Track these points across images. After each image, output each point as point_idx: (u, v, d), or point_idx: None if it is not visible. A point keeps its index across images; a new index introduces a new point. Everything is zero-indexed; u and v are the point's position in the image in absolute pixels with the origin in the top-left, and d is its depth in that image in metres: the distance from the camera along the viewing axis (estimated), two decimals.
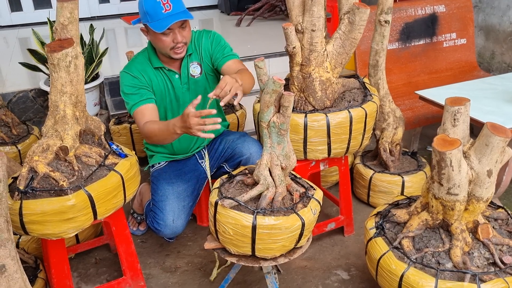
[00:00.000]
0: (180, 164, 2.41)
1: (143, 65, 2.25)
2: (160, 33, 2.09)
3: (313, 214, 1.77)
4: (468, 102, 1.61)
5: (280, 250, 1.75)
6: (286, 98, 1.68)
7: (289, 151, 1.80)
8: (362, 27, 2.18)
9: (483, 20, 4.17)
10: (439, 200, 1.67)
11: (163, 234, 2.24)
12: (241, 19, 5.08)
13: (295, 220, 1.70)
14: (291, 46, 2.19)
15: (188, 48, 2.27)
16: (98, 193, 1.76)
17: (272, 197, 1.76)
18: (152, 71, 2.25)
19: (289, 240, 1.73)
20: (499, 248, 1.72)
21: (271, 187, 1.77)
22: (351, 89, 2.37)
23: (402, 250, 1.75)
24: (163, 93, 2.28)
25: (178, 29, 2.12)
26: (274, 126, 1.73)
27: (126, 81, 2.21)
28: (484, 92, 2.64)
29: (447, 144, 1.55)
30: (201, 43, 2.32)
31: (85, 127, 1.92)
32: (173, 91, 2.29)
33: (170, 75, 2.27)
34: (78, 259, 2.43)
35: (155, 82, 2.26)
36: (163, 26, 2.05)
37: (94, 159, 1.86)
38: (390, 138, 2.73)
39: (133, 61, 2.28)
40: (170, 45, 2.14)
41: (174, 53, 2.17)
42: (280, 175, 1.79)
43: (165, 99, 2.30)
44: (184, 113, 1.86)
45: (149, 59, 2.26)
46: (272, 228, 1.67)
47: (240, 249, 1.75)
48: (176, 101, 2.32)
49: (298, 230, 1.72)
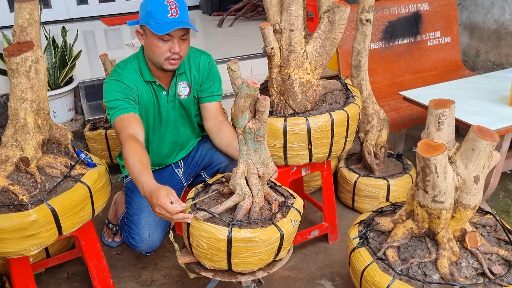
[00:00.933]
0: (155, 174, 2.26)
1: (135, 76, 2.07)
2: (158, 38, 1.93)
3: (293, 225, 1.67)
4: (453, 104, 1.53)
5: (258, 263, 1.65)
6: (261, 103, 1.58)
7: (267, 159, 1.70)
8: (342, 26, 2.09)
9: (467, 18, 4.11)
10: (424, 208, 1.58)
11: (139, 250, 2.12)
12: (222, 19, 4.98)
13: (273, 232, 1.60)
14: (269, 47, 2.09)
15: (180, 66, 2.10)
16: (62, 207, 1.65)
17: (249, 207, 1.66)
18: (143, 84, 2.08)
19: (268, 253, 1.63)
20: (488, 257, 1.64)
21: (248, 197, 1.67)
22: (333, 90, 2.28)
23: (386, 261, 1.66)
24: (148, 109, 2.12)
25: (178, 40, 1.96)
26: (250, 132, 1.63)
27: (116, 88, 2.01)
28: (470, 92, 2.57)
29: (431, 149, 1.46)
30: (198, 65, 2.16)
31: (50, 135, 1.81)
32: (158, 108, 2.14)
33: (158, 91, 2.12)
34: (49, 274, 2.30)
35: (144, 97, 2.09)
36: (165, 29, 1.89)
37: (59, 170, 1.75)
38: (375, 141, 2.64)
39: (123, 69, 2.08)
40: (165, 54, 1.96)
41: (168, 63, 1.99)
42: (258, 184, 1.68)
43: (149, 116, 2.14)
44: (160, 195, 1.61)
45: (140, 70, 2.08)
46: (249, 241, 1.57)
47: (215, 263, 1.64)
48: (159, 118, 2.17)
49: (277, 242, 1.62)
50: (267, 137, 2.07)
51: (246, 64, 3.98)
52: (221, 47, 4.39)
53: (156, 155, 2.26)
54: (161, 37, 1.93)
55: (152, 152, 2.24)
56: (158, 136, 2.22)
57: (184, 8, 1.98)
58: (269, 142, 2.07)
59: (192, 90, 2.18)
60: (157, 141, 2.23)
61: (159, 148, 2.25)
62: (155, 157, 2.26)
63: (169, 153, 2.28)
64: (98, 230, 2.60)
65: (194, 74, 2.17)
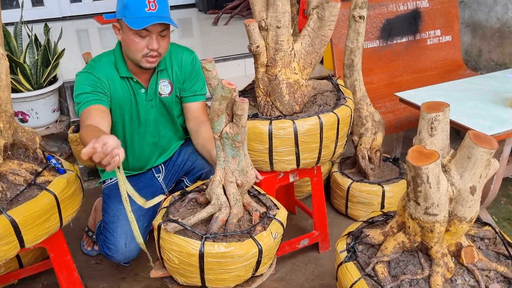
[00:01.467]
0: (134, 180, 2.17)
1: (109, 70, 1.94)
2: (135, 33, 1.80)
3: (274, 238, 1.54)
4: (447, 108, 1.39)
5: (235, 280, 1.52)
6: (239, 106, 1.44)
7: (246, 166, 1.57)
8: (332, 23, 1.96)
9: (469, 17, 3.97)
10: (416, 220, 1.45)
11: (115, 260, 1.99)
12: (218, 17, 4.85)
13: (251, 246, 1.47)
14: (254, 45, 1.96)
15: (160, 63, 1.99)
16: (24, 217, 1.52)
17: (225, 219, 1.53)
18: (118, 80, 1.95)
19: (245, 269, 1.50)
20: (486, 274, 1.50)
21: (225, 207, 1.54)
22: (323, 91, 2.14)
23: (375, 277, 1.52)
24: (124, 107, 1.99)
25: (157, 36, 1.84)
26: (227, 137, 1.50)
27: (86, 80, 1.89)
28: (470, 93, 2.43)
29: (423, 157, 1.32)
30: (180, 62, 2.05)
31: (15, 140, 1.68)
32: (135, 106, 2.01)
33: (136, 88, 1.99)
34: (22, 285, 2.18)
35: (119, 93, 1.96)
36: (141, 23, 1.76)
37: (23, 177, 1.62)
38: (369, 144, 2.51)
39: (97, 62, 1.96)
40: (142, 50, 1.84)
41: (146, 61, 1.87)
42: (236, 194, 1.55)
43: (125, 114, 2.01)
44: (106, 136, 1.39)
45: (116, 65, 1.96)
46: (223, 257, 1.44)
47: (188, 279, 1.51)
48: (138, 118, 2.04)
49: (255, 257, 1.49)
50: (251, 141, 1.94)
51: (240, 63, 3.85)
52: (215, 45, 4.26)
53: (136, 158, 2.14)
54: (138, 32, 1.81)
55: (131, 154, 2.12)
56: (137, 136, 2.09)
57: (163, 2, 1.85)
58: (254, 146, 1.94)
59: (174, 89, 2.06)
60: (137, 142, 2.10)
61: (139, 150, 2.12)
62: (134, 160, 2.14)
63: (149, 155, 2.15)
64: (79, 238, 2.49)
65: (176, 71, 2.05)
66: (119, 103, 1.97)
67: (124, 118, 2.02)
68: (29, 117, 2.97)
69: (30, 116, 2.97)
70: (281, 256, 2.29)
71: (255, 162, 1.99)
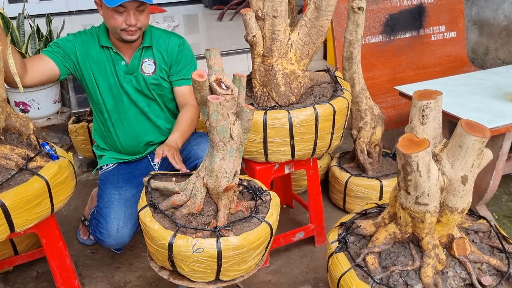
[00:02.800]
0: (130, 167, 2.17)
1: (89, 38, 2.03)
2: (112, 10, 1.86)
3: (194, 251, 1.46)
4: (440, 96, 1.37)
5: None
6: (208, 104, 1.41)
7: (219, 171, 1.49)
8: (330, 13, 1.94)
9: (476, 14, 3.93)
10: (407, 210, 1.43)
11: (107, 245, 2.00)
12: (223, 13, 4.85)
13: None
14: (250, 34, 1.95)
15: (145, 39, 2.04)
16: (13, 201, 1.52)
17: (176, 202, 1.56)
18: (95, 49, 2.02)
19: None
20: (478, 266, 1.47)
21: (184, 194, 1.56)
22: (321, 83, 2.12)
23: (366, 268, 1.51)
24: (101, 73, 2.04)
25: (134, 11, 1.89)
26: (208, 131, 1.50)
27: (62, 39, 2.03)
28: (471, 88, 2.40)
29: (413, 145, 1.30)
30: (167, 46, 2.08)
31: (8, 124, 1.68)
32: (115, 75, 2.05)
33: (116, 59, 2.03)
34: (17, 272, 2.19)
35: (93, 59, 2.02)
36: (116, 0, 1.81)
37: (14, 161, 1.62)
38: (368, 138, 2.48)
39: (83, 31, 2.07)
40: (121, 25, 1.90)
41: (126, 33, 1.93)
42: (198, 189, 1.55)
43: (102, 80, 2.05)
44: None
45: (98, 35, 2.03)
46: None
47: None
48: (118, 87, 2.07)
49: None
50: None
51: (242, 58, 3.84)
52: (219, 41, 4.26)
53: (126, 133, 2.13)
54: (115, 8, 1.86)
55: (120, 127, 2.12)
56: (122, 107, 2.10)
57: None
58: (249, 136, 1.93)
59: (158, 69, 2.08)
60: (122, 113, 2.11)
61: (126, 122, 2.12)
62: (125, 135, 2.13)
63: (138, 129, 2.14)
64: (76, 227, 2.50)
65: (162, 53, 2.09)
66: (94, 68, 2.03)
67: (101, 84, 2.05)
68: (30, 107, 2.99)
69: (31, 106, 2.99)
70: (276, 249, 2.28)
71: (250, 152, 1.98)
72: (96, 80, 2.04)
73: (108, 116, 2.09)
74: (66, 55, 1.98)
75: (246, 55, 3.85)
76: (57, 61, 1.95)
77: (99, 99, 2.07)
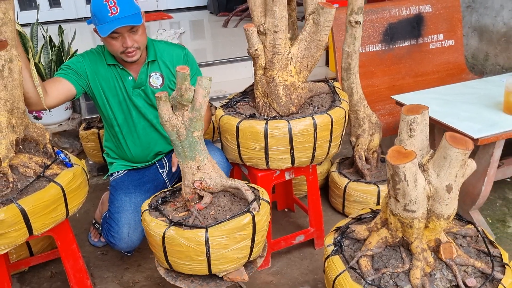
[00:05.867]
0: (140, 174, 2.29)
1: (96, 57, 2.15)
2: (108, 37, 1.98)
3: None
4: (426, 111, 1.47)
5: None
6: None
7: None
8: (327, 28, 2.05)
9: (476, 21, 4.02)
10: (397, 217, 1.53)
11: (118, 248, 2.13)
12: (228, 20, 4.96)
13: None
14: (253, 48, 2.07)
15: (149, 54, 2.16)
16: (33, 206, 1.64)
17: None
18: (104, 67, 2.14)
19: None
20: (464, 269, 1.58)
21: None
22: (320, 93, 2.23)
23: (359, 270, 1.61)
24: (110, 90, 2.16)
25: (128, 34, 2.00)
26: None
27: (72, 60, 2.14)
28: (465, 97, 2.50)
29: (401, 156, 1.41)
30: (172, 58, 2.20)
31: (26, 135, 1.81)
32: (124, 91, 2.17)
33: (123, 75, 2.15)
34: (32, 272, 2.31)
35: (103, 77, 2.14)
36: (107, 30, 1.94)
37: (32, 169, 1.75)
38: (366, 145, 2.59)
39: (90, 50, 2.19)
40: (119, 49, 2.03)
41: (126, 56, 2.05)
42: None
43: (112, 96, 2.17)
44: None
45: (103, 54, 2.15)
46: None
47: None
48: (126, 102, 2.19)
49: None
50: (249, 140, 2.03)
51: (246, 65, 3.95)
52: (224, 47, 4.37)
53: (136, 144, 2.25)
54: (110, 35, 1.97)
55: (131, 139, 2.24)
56: (131, 120, 2.21)
57: (123, 3, 1.98)
58: (250, 145, 2.04)
59: (166, 82, 2.19)
60: (132, 126, 2.22)
61: (136, 134, 2.23)
62: (135, 146, 2.25)
63: (148, 141, 2.26)
64: (87, 230, 2.62)
65: (169, 66, 2.19)
66: (104, 85, 2.14)
67: (111, 100, 2.17)
68: (43, 114, 3.12)
69: (44, 113, 3.12)
70: (277, 251, 2.39)
71: (251, 160, 2.09)
72: (106, 97, 2.16)
73: (119, 129, 2.21)
74: (79, 75, 2.09)
75: (250, 62, 3.95)
76: (72, 81, 2.06)
77: (109, 114, 2.19)
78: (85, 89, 2.13)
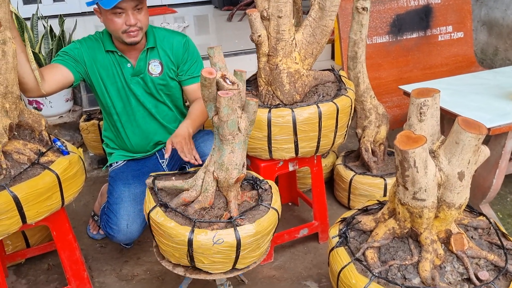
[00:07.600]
0: (139, 164, 2.23)
1: (94, 44, 2.07)
2: (111, 13, 1.90)
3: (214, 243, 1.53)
4: (438, 94, 1.40)
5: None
6: (218, 99, 1.46)
7: (229, 163, 1.57)
8: (333, 13, 1.98)
9: (486, 15, 3.93)
10: (405, 206, 1.46)
11: (117, 240, 2.06)
12: (232, 14, 4.90)
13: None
14: (256, 34, 2.00)
15: (148, 41, 2.08)
16: (26, 194, 1.58)
17: (187, 199, 1.61)
18: (102, 53, 2.07)
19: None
20: (476, 262, 1.50)
21: (194, 190, 1.60)
22: (325, 82, 2.16)
23: (365, 262, 1.54)
24: (108, 77, 2.09)
25: (132, 11, 1.93)
26: (215, 126, 1.55)
27: (70, 46, 2.07)
28: (475, 87, 2.42)
29: (411, 141, 1.33)
30: (172, 45, 2.13)
31: (21, 121, 1.75)
32: (123, 78, 2.10)
33: (122, 62, 2.08)
34: (29, 264, 2.26)
35: (101, 63, 2.07)
36: (112, 1, 1.85)
37: (27, 156, 1.69)
38: (373, 137, 2.51)
39: (88, 37, 2.12)
40: (122, 27, 1.94)
41: (127, 36, 1.96)
42: (209, 183, 1.60)
43: (110, 84, 2.11)
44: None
45: (102, 40, 2.07)
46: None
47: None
48: (125, 90, 2.12)
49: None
50: None
51: (251, 58, 3.88)
52: (229, 41, 4.31)
53: (136, 133, 2.19)
54: (113, 11, 1.91)
55: (130, 128, 2.18)
56: (130, 109, 2.15)
57: None
58: (253, 134, 1.98)
59: (165, 70, 2.13)
60: (131, 114, 2.16)
61: (135, 123, 2.18)
62: (135, 135, 2.19)
63: (147, 129, 2.20)
64: (86, 222, 2.56)
65: (168, 54, 2.13)
66: (102, 72, 2.08)
67: (109, 88, 2.10)
68: (43, 105, 3.07)
69: (44, 105, 3.06)
70: (281, 245, 2.32)
71: (254, 149, 2.02)
72: (104, 84, 2.09)
73: (117, 118, 2.15)
74: (76, 61, 2.03)
75: (254, 55, 3.85)
76: (70, 67, 2.00)
77: (108, 102, 2.12)
78: (83, 75, 2.06)
